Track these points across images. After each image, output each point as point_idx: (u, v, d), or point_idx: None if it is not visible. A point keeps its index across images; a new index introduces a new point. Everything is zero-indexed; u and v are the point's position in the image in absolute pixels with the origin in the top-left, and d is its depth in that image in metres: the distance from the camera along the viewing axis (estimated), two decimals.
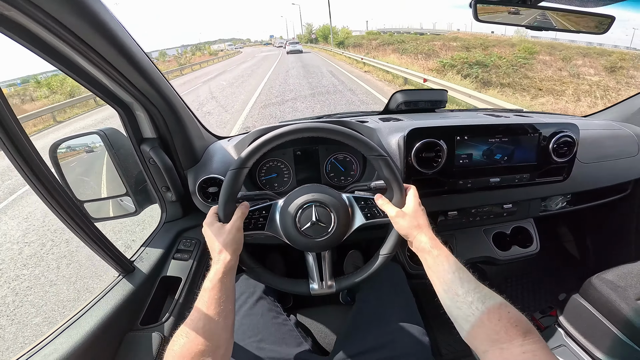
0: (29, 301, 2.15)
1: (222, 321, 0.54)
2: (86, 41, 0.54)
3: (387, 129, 0.99)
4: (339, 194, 0.74)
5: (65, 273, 2.38)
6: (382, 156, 0.71)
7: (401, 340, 0.73)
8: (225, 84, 11.98)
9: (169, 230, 0.97)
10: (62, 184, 0.74)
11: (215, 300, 0.54)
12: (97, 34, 0.55)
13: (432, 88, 1.25)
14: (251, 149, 0.69)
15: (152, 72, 0.71)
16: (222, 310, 0.54)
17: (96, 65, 0.60)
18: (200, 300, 0.55)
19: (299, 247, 0.72)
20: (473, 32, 22.30)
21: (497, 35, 17.36)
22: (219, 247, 0.61)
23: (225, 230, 0.63)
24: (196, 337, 0.50)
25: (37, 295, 2.21)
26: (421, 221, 0.66)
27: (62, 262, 2.51)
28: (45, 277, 2.37)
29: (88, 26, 0.53)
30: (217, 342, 0.51)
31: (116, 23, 0.58)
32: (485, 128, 0.93)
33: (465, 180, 0.95)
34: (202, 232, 0.67)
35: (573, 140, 0.95)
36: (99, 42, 0.56)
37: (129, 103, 0.77)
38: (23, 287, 2.30)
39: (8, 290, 2.28)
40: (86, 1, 0.50)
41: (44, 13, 0.47)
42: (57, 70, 0.61)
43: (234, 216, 0.65)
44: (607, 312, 0.94)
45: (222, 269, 0.58)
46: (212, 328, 0.52)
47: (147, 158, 0.84)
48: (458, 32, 21.31)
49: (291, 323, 0.81)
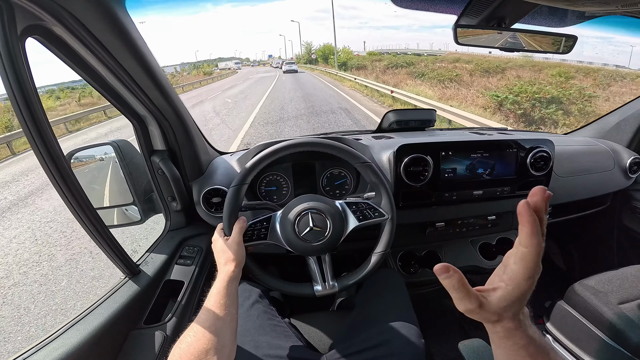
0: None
1: (227, 323, 0.59)
2: (116, 57, 0.61)
3: (379, 145, 1.07)
4: (332, 201, 0.81)
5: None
6: (366, 163, 0.79)
7: (396, 340, 0.75)
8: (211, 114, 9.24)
9: (172, 238, 1.02)
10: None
11: (220, 305, 0.60)
12: (127, 51, 0.62)
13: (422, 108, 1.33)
14: (249, 166, 0.77)
15: (168, 89, 0.78)
16: (227, 314, 0.59)
17: (120, 79, 0.67)
18: (207, 303, 0.61)
19: (300, 252, 0.78)
20: (470, 52, 20.23)
21: (495, 55, 15.20)
22: (223, 260, 0.69)
23: (227, 245, 0.70)
24: (203, 336, 0.54)
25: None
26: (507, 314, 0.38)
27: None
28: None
29: (121, 43, 0.60)
30: (223, 341, 0.55)
31: (142, 41, 0.65)
32: (467, 144, 1.01)
33: (451, 192, 1.02)
34: (212, 247, 0.74)
35: (548, 155, 1.03)
36: (127, 58, 0.63)
37: (144, 116, 0.85)
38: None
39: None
40: (123, 21, 0.58)
41: (85, 30, 0.54)
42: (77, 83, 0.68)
43: (233, 232, 0.72)
44: (590, 316, 0.99)
45: (226, 279, 0.64)
46: (217, 328, 0.56)
47: (156, 169, 0.91)
48: (456, 52, 20.45)
49: (286, 324, 0.84)
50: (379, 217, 0.80)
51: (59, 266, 2.61)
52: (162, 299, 0.90)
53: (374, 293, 0.90)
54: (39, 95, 0.57)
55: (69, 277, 2.45)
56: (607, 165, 1.29)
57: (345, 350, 0.75)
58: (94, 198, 0.96)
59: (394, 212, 0.81)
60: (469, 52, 20.89)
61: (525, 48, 0.94)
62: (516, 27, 0.89)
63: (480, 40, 0.93)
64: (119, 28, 0.58)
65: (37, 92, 0.56)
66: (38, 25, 0.54)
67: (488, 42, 0.93)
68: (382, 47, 36.80)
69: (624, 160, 1.29)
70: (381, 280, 0.93)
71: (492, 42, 0.94)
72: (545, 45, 0.94)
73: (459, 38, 0.91)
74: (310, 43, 51.24)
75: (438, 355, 1.32)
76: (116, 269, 0.83)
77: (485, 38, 0.93)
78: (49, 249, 2.93)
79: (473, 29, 0.91)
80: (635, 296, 1.00)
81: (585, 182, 1.24)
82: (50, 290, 2.35)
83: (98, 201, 0.97)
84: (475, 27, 0.91)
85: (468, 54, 19.19)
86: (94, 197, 0.97)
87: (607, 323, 0.94)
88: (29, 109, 0.56)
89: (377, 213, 0.80)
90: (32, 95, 0.55)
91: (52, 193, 3.81)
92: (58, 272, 2.54)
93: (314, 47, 49.51)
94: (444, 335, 1.36)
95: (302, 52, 56.84)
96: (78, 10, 0.51)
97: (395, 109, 1.45)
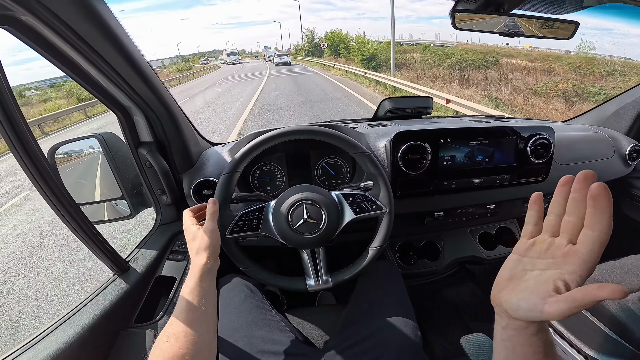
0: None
1: (204, 325, 0.54)
2: (94, 47, 0.57)
3: (375, 133, 1.04)
4: (328, 192, 0.78)
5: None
6: (365, 153, 0.76)
7: (392, 331, 0.74)
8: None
9: (163, 233, 0.99)
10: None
11: (193, 306, 0.54)
12: (105, 40, 0.58)
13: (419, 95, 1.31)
14: (241, 154, 0.74)
15: (152, 78, 0.75)
16: (202, 314, 0.54)
17: (100, 70, 0.63)
18: (178, 305, 0.55)
19: (293, 245, 0.75)
20: (481, 43, 17.87)
21: (513, 47, 13.39)
22: (195, 249, 0.61)
23: (199, 233, 0.62)
24: (177, 341, 0.50)
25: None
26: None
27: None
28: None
29: (97, 32, 0.56)
30: (199, 346, 0.51)
31: (122, 30, 0.61)
32: (466, 131, 0.98)
33: (449, 181, 1.00)
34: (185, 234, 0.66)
35: (549, 142, 1.01)
36: (106, 48, 0.59)
37: (128, 107, 0.81)
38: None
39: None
40: (98, 8, 0.54)
41: (58, 19, 0.50)
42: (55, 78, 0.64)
43: (207, 219, 0.64)
44: (592, 308, 0.97)
45: (199, 273, 0.57)
46: (191, 332, 0.51)
47: (143, 161, 0.87)
48: (467, 43, 18.45)
49: (281, 318, 0.82)
50: (377, 210, 0.77)
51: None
52: (153, 296, 0.87)
53: (371, 285, 0.88)
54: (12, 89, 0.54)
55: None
56: (606, 153, 1.27)
57: (341, 344, 0.73)
58: (83, 193, 0.94)
59: (392, 205, 0.78)
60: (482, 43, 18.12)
61: (525, 34, 0.92)
62: (516, 12, 0.87)
63: (478, 25, 0.91)
64: (94, 16, 0.54)
65: (9, 86, 0.53)
66: (6, 15, 0.50)
67: (487, 27, 0.91)
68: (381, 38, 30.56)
69: (624, 148, 1.27)
70: (378, 272, 0.91)
71: (491, 27, 0.91)
72: (547, 31, 0.92)
73: (456, 22, 0.89)
74: (312, 30, 41.43)
75: (438, 348, 1.31)
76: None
77: (484, 23, 0.91)
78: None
79: (471, 14, 0.89)
80: (637, 287, 0.98)
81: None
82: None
83: (89, 196, 0.94)
84: (473, 11, 0.88)
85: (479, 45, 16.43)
86: (83, 192, 0.94)
87: (610, 316, 0.92)
88: (1, 103, 0.53)
89: (374, 206, 0.78)
90: (4, 88, 0.52)
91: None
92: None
93: (316, 35, 40.45)
94: (444, 327, 1.34)
95: (303, 42, 44.27)
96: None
97: (391, 96, 1.42)
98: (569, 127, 1.35)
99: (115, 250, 0.80)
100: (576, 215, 0.35)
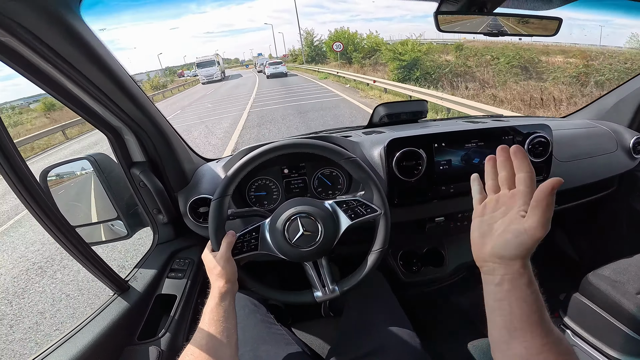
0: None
1: (225, 339, 0.57)
2: (77, 68, 0.57)
3: (369, 142, 1.03)
4: (321, 202, 0.77)
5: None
6: (351, 158, 0.75)
7: (392, 345, 0.74)
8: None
9: (162, 252, 0.98)
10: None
11: (215, 321, 0.59)
12: (87, 61, 0.58)
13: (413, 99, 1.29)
14: (228, 176, 0.74)
15: (140, 97, 0.75)
16: (224, 329, 0.58)
17: (86, 91, 0.63)
18: (202, 322, 0.60)
19: (294, 259, 0.74)
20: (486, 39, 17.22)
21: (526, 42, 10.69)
22: (214, 277, 0.67)
23: (216, 261, 0.68)
24: (200, 354, 0.53)
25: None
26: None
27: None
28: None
29: (79, 54, 0.56)
30: (222, 358, 0.55)
31: (104, 50, 0.62)
32: (460, 134, 0.97)
33: (447, 185, 0.98)
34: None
35: (547, 140, 0.99)
36: (90, 68, 0.60)
37: (118, 127, 0.81)
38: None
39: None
40: (78, 30, 0.54)
41: (39, 41, 0.50)
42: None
43: (221, 247, 0.70)
44: (609, 308, 0.94)
45: (218, 295, 0.63)
46: (215, 346, 0.55)
47: (137, 181, 0.87)
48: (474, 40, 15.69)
49: (286, 332, 0.82)
50: (372, 213, 0.76)
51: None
52: (155, 314, 0.86)
53: (359, 296, 0.86)
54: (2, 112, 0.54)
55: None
56: (609, 147, 1.24)
57: (343, 358, 0.72)
58: (78, 215, 0.94)
59: (386, 206, 0.77)
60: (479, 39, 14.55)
61: (509, 33, 0.92)
62: (499, 11, 0.86)
63: (462, 27, 0.91)
64: (75, 37, 0.54)
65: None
66: None
67: (470, 28, 0.91)
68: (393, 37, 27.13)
69: (627, 141, 1.24)
70: (366, 283, 0.90)
71: (475, 28, 0.91)
72: (532, 29, 0.92)
73: (440, 25, 0.89)
74: (311, 32, 32.16)
75: (447, 354, 1.27)
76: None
77: (467, 24, 0.90)
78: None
79: (454, 15, 0.89)
80: None
81: (588, 166, 1.19)
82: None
83: (84, 218, 0.94)
84: (456, 12, 0.88)
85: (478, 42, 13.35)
86: (79, 214, 0.94)
87: (627, 315, 0.90)
88: None
89: (369, 209, 0.76)
90: None
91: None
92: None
93: (316, 37, 31.58)
94: (454, 333, 1.30)
95: (302, 45, 33.85)
96: (25, 19, 0.48)
97: (385, 102, 1.42)
98: (568, 123, 1.33)
99: (114, 271, 0.79)
100: (506, 169, 0.45)
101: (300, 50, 35.67)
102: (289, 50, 52.61)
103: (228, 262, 0.68)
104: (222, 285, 0.64)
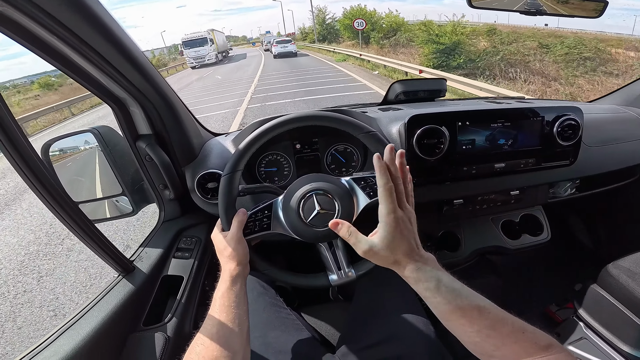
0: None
1: (237, 327, 0.54)
2: (81, 37, 0.53)
3: (387, 118, 0.97)
4: (337, 179, 0.72)
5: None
6: (371, 132, 0.70)
7: (405, 333, 0.70)
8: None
9: (168, 230, 0.95)
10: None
11: (226, 307, 0.56)
12: (92, 29, 0.54)
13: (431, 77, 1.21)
14: (239, 151, 0.69)
15: (147, 67, 0.69)
16: (235, 316, 0.55)
17: (90, 61, 0.58)
18: (212, 309, 0.57)
19: (309, 240, 0.69)
20: (511, 23, 14.92)
21: (552, 28, 9.92)
22: (224, 259, 0.63)
23: (226, 241, 0.64)
24: (211, 344, 0.51)
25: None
26: (398, 256, 0.51)
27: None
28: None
29: (84, 22, 0.52)
30: (234, 347, 0.52)
31: (110, 18, 0.56)
32: (486, 113, 0.91)
33: (470, 166, 0.92)
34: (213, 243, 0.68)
35: (577, 123, 0.93)
36: (95, 37, 0.55)
37: (123, 99, 0.76)
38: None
39: None
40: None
41: (40, 10, 0.46)
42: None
43: (232, 227, 0.65)
44: (627, 301, 0.91)
45: (229, 279, 0.59)
46: (226, 334, 0.53)
47: (143, 155, 0.82)
48: (495, 23, 14.23)
49: (294, 316, 0.79)
50: None
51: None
52: (160, 297, 0.83)
53: (370, 279, 0.82)
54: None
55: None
56: (637, 134, 1.18)
57: (353, 347, 0.69)
58: (82, 191, 0.90)
59: None
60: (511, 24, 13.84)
61: (548, 12, 0.86)
62: None
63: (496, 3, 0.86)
64: (78, 4, 0.49)
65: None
66: None
67: (506, 5, 0.86)
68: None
69: None
70: (376, 269, 0.87)
71: (511, 5, 0.86)
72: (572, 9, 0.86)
73: (472, 1, 0.84)
74: (324, 9, 29.63)
75: (459, 345, 1.26)
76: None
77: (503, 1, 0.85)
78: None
79: None
80: None
81: (615, 152, 1.14)
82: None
83: (88, 194, 0.90)
84: None
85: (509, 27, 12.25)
86: (83, 190, 0.90)
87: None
88: None
89: None
90: None
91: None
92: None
93: (328, 14, 29.61)
94: None
95: (314, 23, 31.37)
96: None
97: (402, 79, 1.35)
98: (596, 108, 1.26)
99: (118, 250, 0.76)
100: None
101: (312, 28, 33.79)
102: (298, 28, 49.99)
103: (239, 243, 0.63)
104: (233, 268, 0.60)
